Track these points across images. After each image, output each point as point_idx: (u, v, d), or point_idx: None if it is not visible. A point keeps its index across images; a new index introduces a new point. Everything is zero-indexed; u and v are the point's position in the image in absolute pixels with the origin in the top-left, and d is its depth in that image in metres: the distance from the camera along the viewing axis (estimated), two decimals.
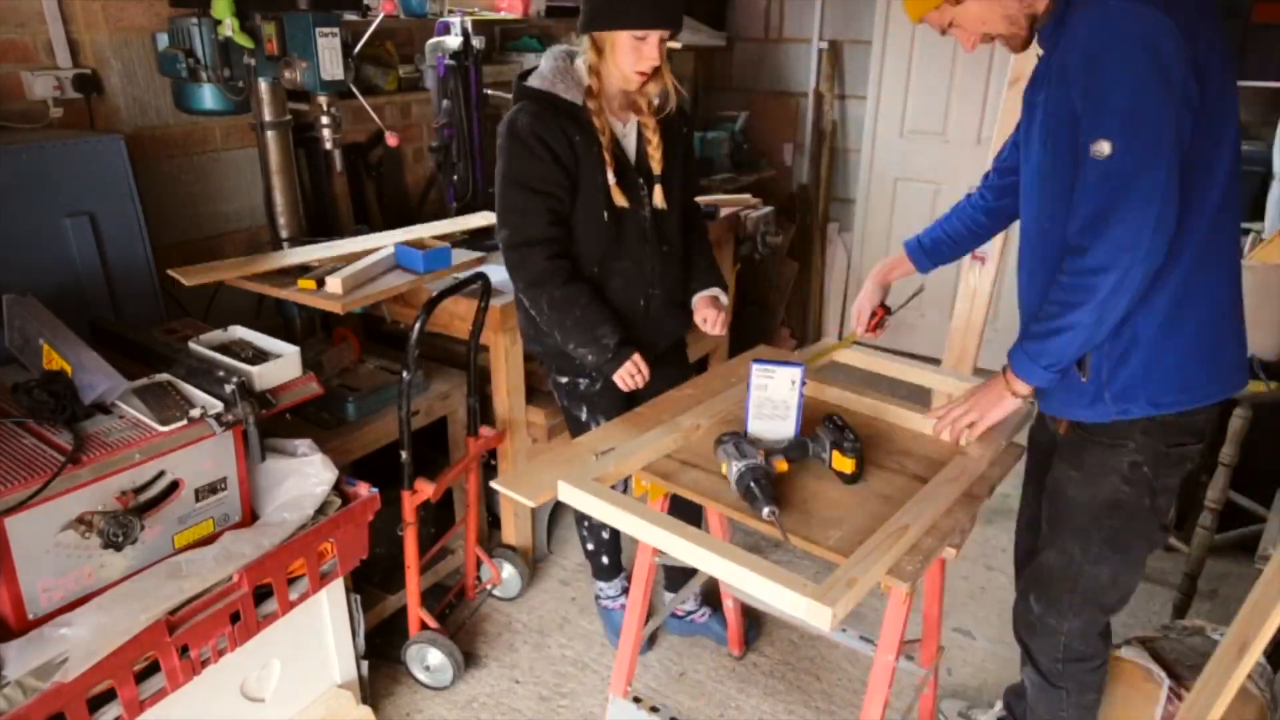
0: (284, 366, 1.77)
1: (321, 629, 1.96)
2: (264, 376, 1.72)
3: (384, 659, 2.30)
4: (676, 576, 2.34)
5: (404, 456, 2.04)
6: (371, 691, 2.16)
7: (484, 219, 2.67)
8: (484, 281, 2.11)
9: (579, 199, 1.88)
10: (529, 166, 1.82)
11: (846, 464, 1.49)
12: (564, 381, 2.09)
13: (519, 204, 1.85)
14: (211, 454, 1.64)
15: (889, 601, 1.41)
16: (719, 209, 3.30)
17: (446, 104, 2.69)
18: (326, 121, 2.28)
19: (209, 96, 2.21)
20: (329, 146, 2.33)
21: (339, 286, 2.07)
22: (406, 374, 1.96)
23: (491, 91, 2.88)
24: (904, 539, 1.31)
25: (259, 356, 1.80)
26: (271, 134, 2.30)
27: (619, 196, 1.88)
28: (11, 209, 1.85)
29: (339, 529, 1.81)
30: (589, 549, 2.33)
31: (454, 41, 2.67)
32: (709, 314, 2.02)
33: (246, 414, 1.64)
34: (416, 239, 2.39)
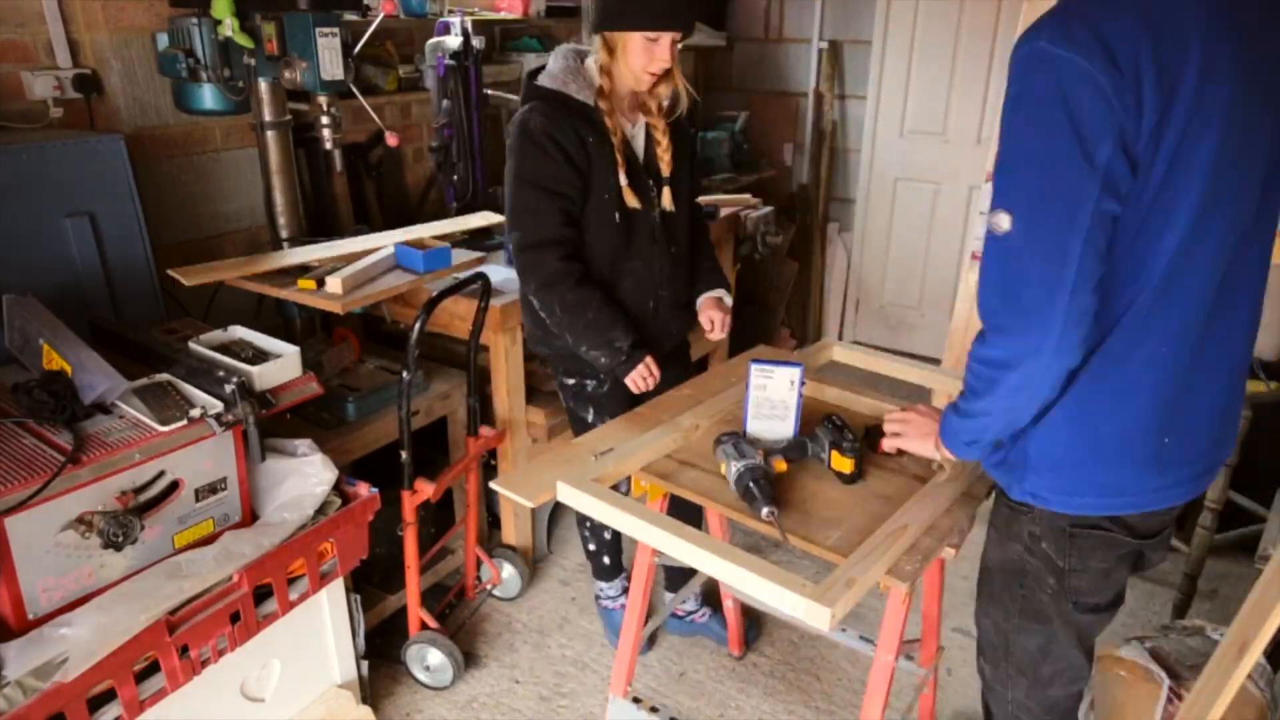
0: (284, 366, 1.77)
1: (321, 629, 1.96)
2: (264, 376, 1.72)
3: (384, 659, 2.30)
4: (676, 576, 2.34)
5: (404, 456, 2.04)
6: (371, 691, 2.16)
7: (484, 219, 2.67)
8: (484, 281, 2.11)
9: (590, 200, 1.86)
10: (542, 166, 1.80)
11: (845, 464, 1.49)
12: (571, 383, 2.09)
13: (532, 204, 1.83)
14: (211, 454, 1.64)
15: (888, 601, 1.41)
16: (719, 209, 3.31)
17: (446, 104, 2.69)
18: (326, 121, 2.28)
19: (209, 96, 2.21)
20: (329, 146, 2.33)
21: (339, 286, 2.07)
22: (406, 374, 1.96)
23: (491, 91, 2.88)
24: (903, 539, 1.31)
25: (259, 356, 1.80)
26: (271, 134, 2.30)
27: (631, 197, 1.87)
28: (11, 209, 1.85)
29: (339, 529, 1.82)
30: (590, 549, 2.33)
31: (454, 41, 2.67)
32: (715, 316, 2.03)
33: (246, 414, 1.64)
34: (416, 239, 2.39)
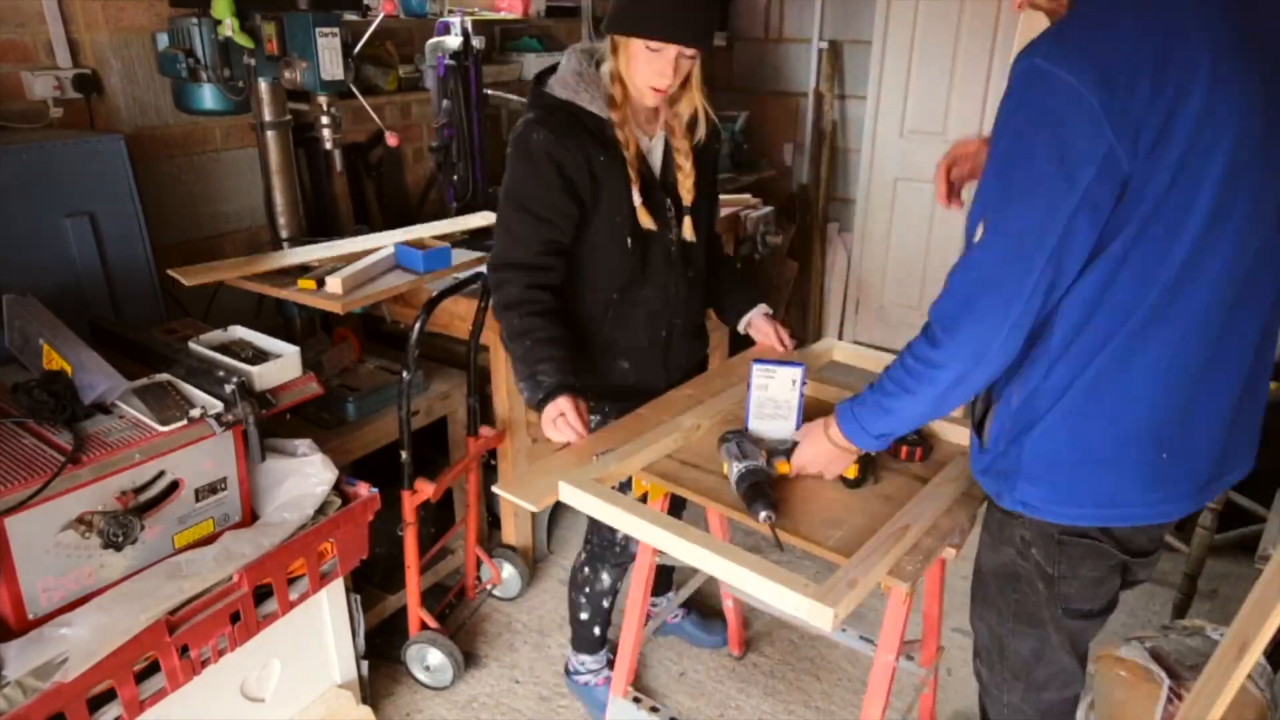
0: (284, 366, 1.77)
1: (321, 629, 1.96)
2: (264, 376, 1.72)
3: (384, 659, 2.30)
4: (658, 579, 2.22)
5: (404, 456, 2.04)
6: (371, 691, 2.16)
7: (484, 219, 2.67)
8: (484, 281, 2.11)
9: (598, 224, 1.72)
10: (532, 189, 1.67)
11: (850, 469, 1.48)
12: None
13: (513, 226, 1.70)
14: (211, 454, 1.64)
15: (889, 601, 1.41)
16: (719, 209, 3.30)
17: (446, 104, 2.69)
18: (326, 121, 2.28)
19: (209, 96, 2.21)
20: (329, 146, 2.33)
21: (339, 286, 2.07)
22: (406, 374, 1.96)
23: (491, 91, 2.88)
24: (904, 539, 1.31)
25: (259, 356, 1.80)
26: (271, 134, 2.30)
27: (646, 218, 1.72)
28: (11, 209, 1.85)
29: (339, 529, 1.81)
30: (582, 618, 2.12)
31: (454, 41, 2.67)
32: (770, 331, 1.93)
33: (246, 414, 1.64)
34: (416, 239, 2.39)
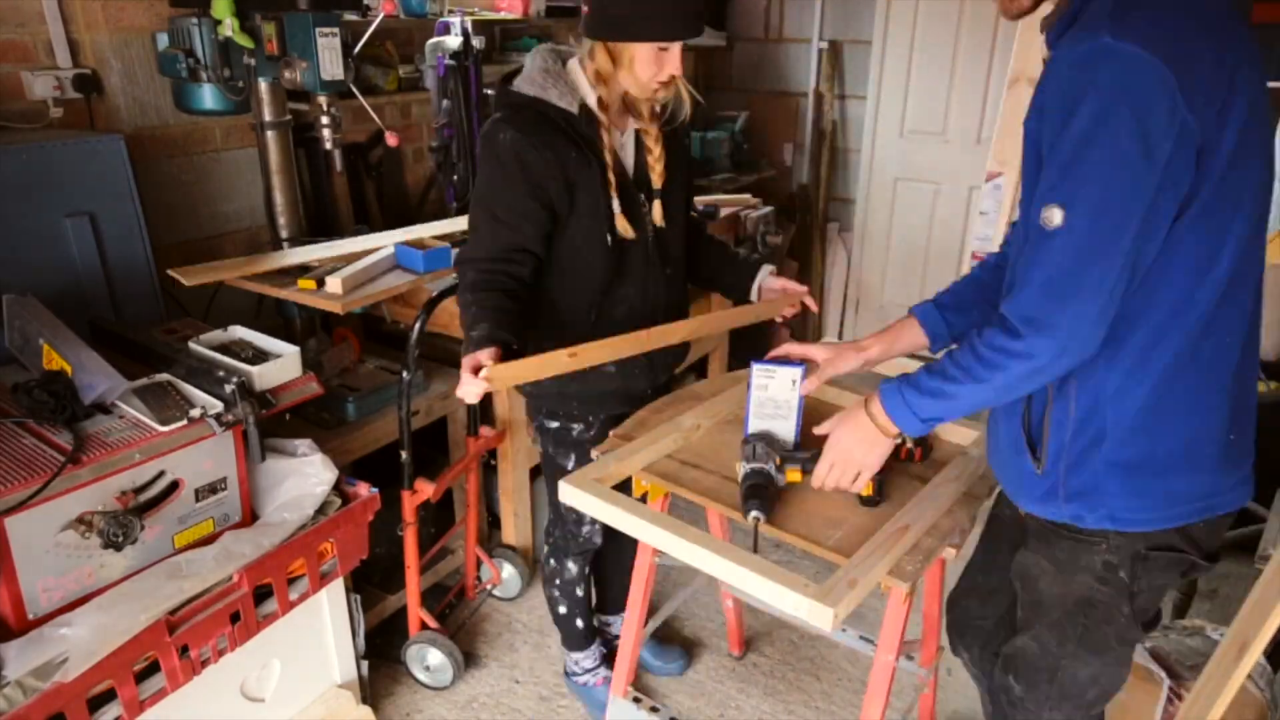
0: (284, 366, 1.77)
1: (321, 629, 1.96)
2: (264, 376, 1.72)
3: (384, 659, 2.30)
4: (617, 596, 2.21)
5: (404, 456, 2.04)
6: (371, 691, 2.16)
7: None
8: None
9: (575, 222, 1.68)
10: (498, 191, 1.63)
11: (866, 486, 1.44)
12: (554, 427, 1.89)
13: (479, 225, 1.67)
14: (211, 454, 1.64)
15: (889, 601, 1.41)
16: (719, 209, 3.30)
17: (446, 104, 2.69)
18: (326, 121, 2.28)
19: (209, 96, 2.21)
20: (329, 146, 2.33)
21: (339, 286, 2.07)
22: (406, 374, 1.96)
23: (491, 91, 2.88)
24: (905, 539, 1.31)
25: (259, 356, 1.80)
26: (271, 134, 2.30)
27: (625, 225, 1.68)
28: (11, 209, 1.85)
29: (339, 529, 1.81)
30: (560, 612, 2.11)
31: (454, 41, 2.67)
32: (780, 285, 1.84)
33: (246, 414, 1.64)
34: (416, 239, 2.39)
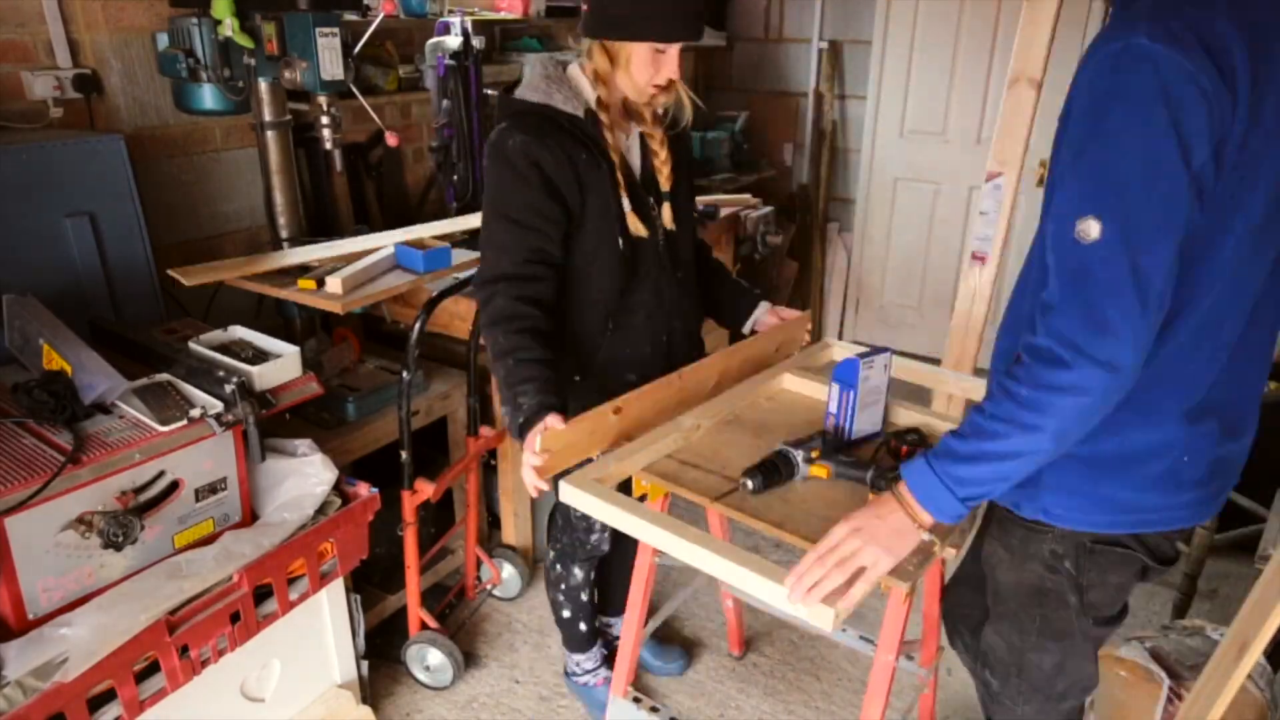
0: (284, 366, 1.77)
1: (321, 629, 1.96)
2: (264, 376, 1.72)
3: (384, 659, 2.30)
4: (617, 598, 2.21)
5: (404, 456, 2.04)
6: (371, 691, 2.16)
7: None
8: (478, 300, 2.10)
9: (589, 224, 1.64)
10: (513, 195, 1.59)
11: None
12: None
13: (497, 237, 1.61)
14: (211, 454, 1.64)
15: (889, 601, 1.41)
16: (719, 209, 3.31)
17: (446, 104, 2.69)
18: (326, 121, 2.28)
19: (209, 96, 2.21)
20: (329, 146, 2.33)
21: (339, 286, 2.07)
22: (406, 374, 1.96)
23: (491, 92, 2.88)
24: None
25: (259, 356, 1.80)
26: (271, 134, 2.30)
27: (637, 224, 1.67)
28: (11, 209, 1.85)
29: (339, 529, 1.81)
30: (564, 615, 2.12)
31: (454, 41, 2.67)
32: (773, 320, 1.86)
33: (246, 414, 1.64)
34: (416, 239, 2.39)
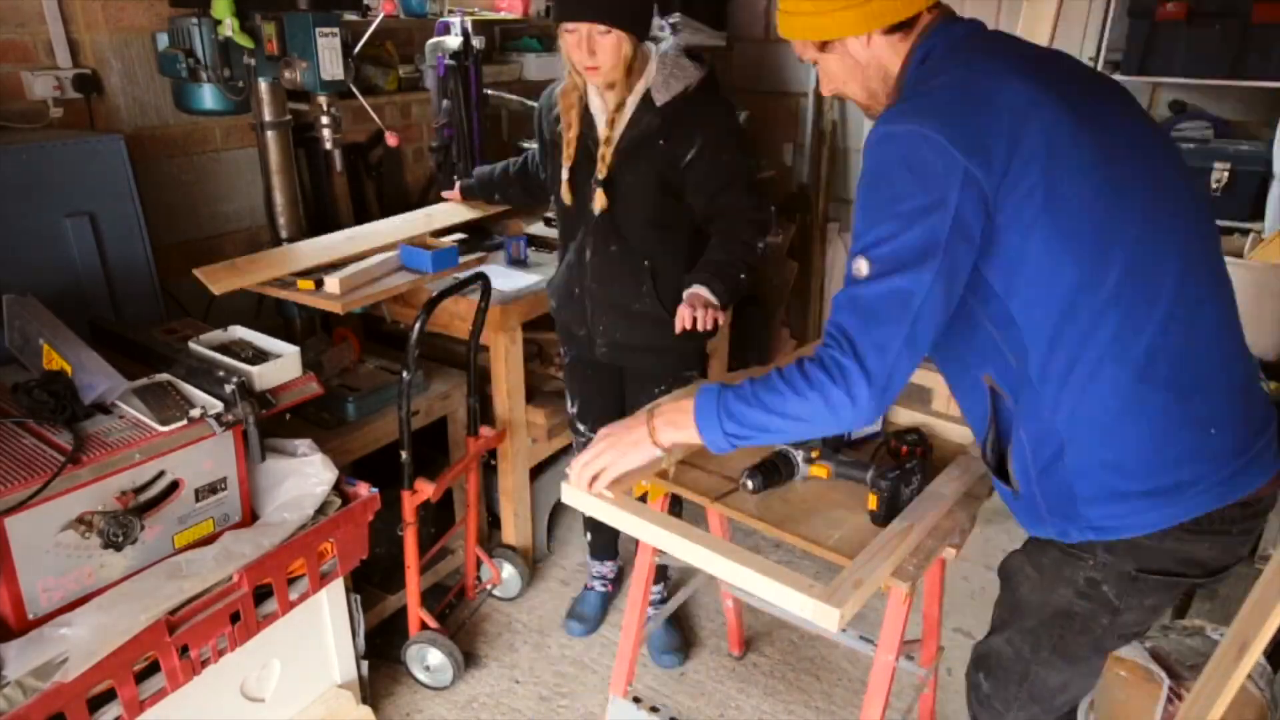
0: (284, 366, 1.77)
1: (321, 629, 1.96)
2: (264, 376, 1.72)
3: (384, 659, 2.30)
4: (605, 542, 2.50)
5: (404, 456, 2.03)
6: (371, 691, 2.16)
7: (480, 211, 2.67)
8: (484, 281, 2.11)
9: (548, 173, 2.09)
10: (531, 122, 2.19)
11: (871, 498, 1.43)
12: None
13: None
14: (211, 454, 1.64)
15: (889, 601, 1.41)
16: None
17: (446, 104, 2.69)
18: (326, 121, 2.27)
19: (209, 96, 2.21)
20: (329, 146, 2.33)
21: (338, 286, 2.07)
22: (406, 374, 1.96)
23: (491, 92, 2.88)
24: (908, 539, 1.31)
25: (259, 356, 1.80)
26: (271, 134, 2.30)
27: (565, 193, 1.99)
28: (11, 209, 1.85)
29: (339, 529, 1.81)
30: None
31: (454, 41, 2.67)
32: (682, 310, 1.80)
33: (246, 414, 1.64)
34: (419, 238, 2.39)
